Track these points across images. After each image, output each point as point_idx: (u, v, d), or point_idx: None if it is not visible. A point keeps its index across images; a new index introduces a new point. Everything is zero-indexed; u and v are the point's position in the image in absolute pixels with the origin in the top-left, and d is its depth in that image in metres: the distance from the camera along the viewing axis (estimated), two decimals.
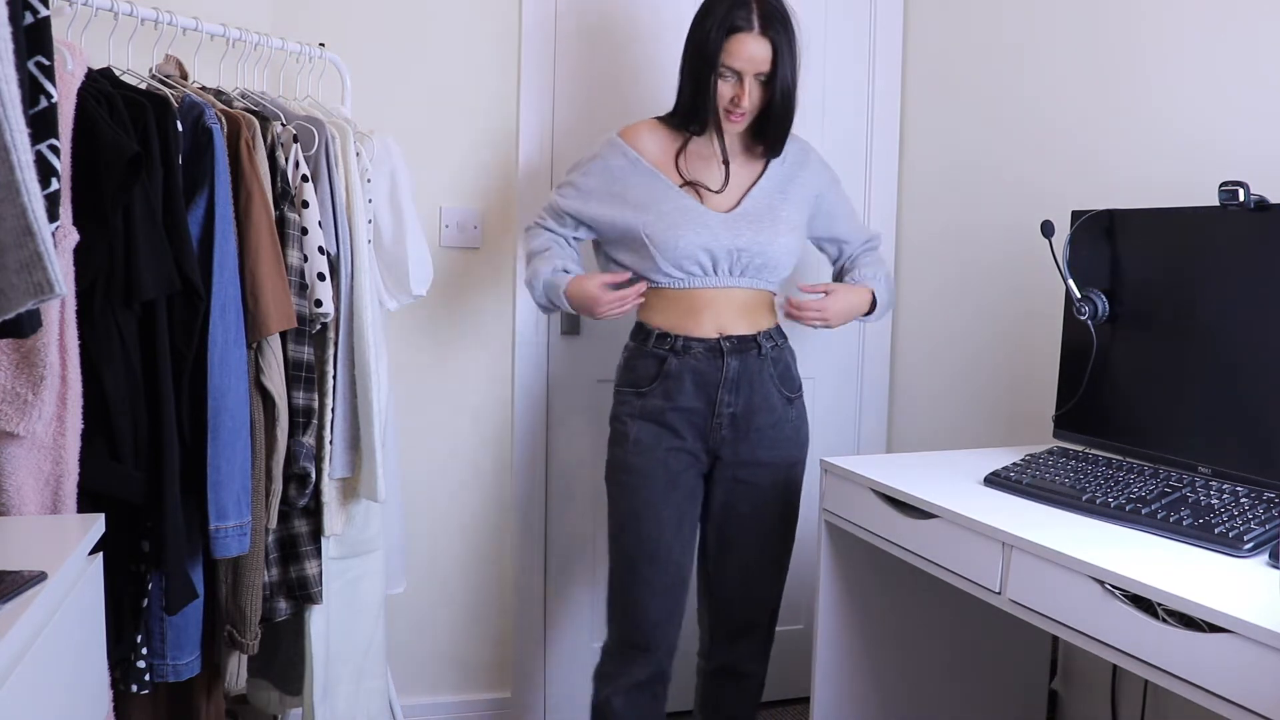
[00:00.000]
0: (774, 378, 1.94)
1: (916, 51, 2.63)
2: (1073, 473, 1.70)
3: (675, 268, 1.88)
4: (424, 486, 2.43)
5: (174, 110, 1.50)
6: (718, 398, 1.89)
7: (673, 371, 1.89)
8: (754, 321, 1.94)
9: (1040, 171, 2.29)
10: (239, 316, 1.57)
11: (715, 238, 1.87)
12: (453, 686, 2.52)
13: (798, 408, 2.00)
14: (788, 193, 1.97)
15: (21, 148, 0.95)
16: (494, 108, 2.40)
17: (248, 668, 1.84)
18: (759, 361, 1.92)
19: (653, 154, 1.95)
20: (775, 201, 1.95)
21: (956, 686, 2.08)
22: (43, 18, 1.14)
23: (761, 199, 1.95)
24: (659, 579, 1.91)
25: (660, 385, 1.90)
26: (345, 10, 2.27)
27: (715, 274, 1.89)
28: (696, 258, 1.87)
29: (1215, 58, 1.92)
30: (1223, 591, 1.24)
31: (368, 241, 1.86)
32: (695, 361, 1.89)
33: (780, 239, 1.91)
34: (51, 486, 1.32)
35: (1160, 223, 1.79)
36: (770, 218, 1.92)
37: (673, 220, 1.87)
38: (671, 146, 1.95)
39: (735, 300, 1.92)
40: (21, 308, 0.98)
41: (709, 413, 1.90)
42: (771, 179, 1.97)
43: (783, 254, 1.92)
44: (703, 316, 1.90)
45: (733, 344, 1.90)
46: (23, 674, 0.89)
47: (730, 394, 1.90)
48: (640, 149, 1.95)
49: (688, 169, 1.94)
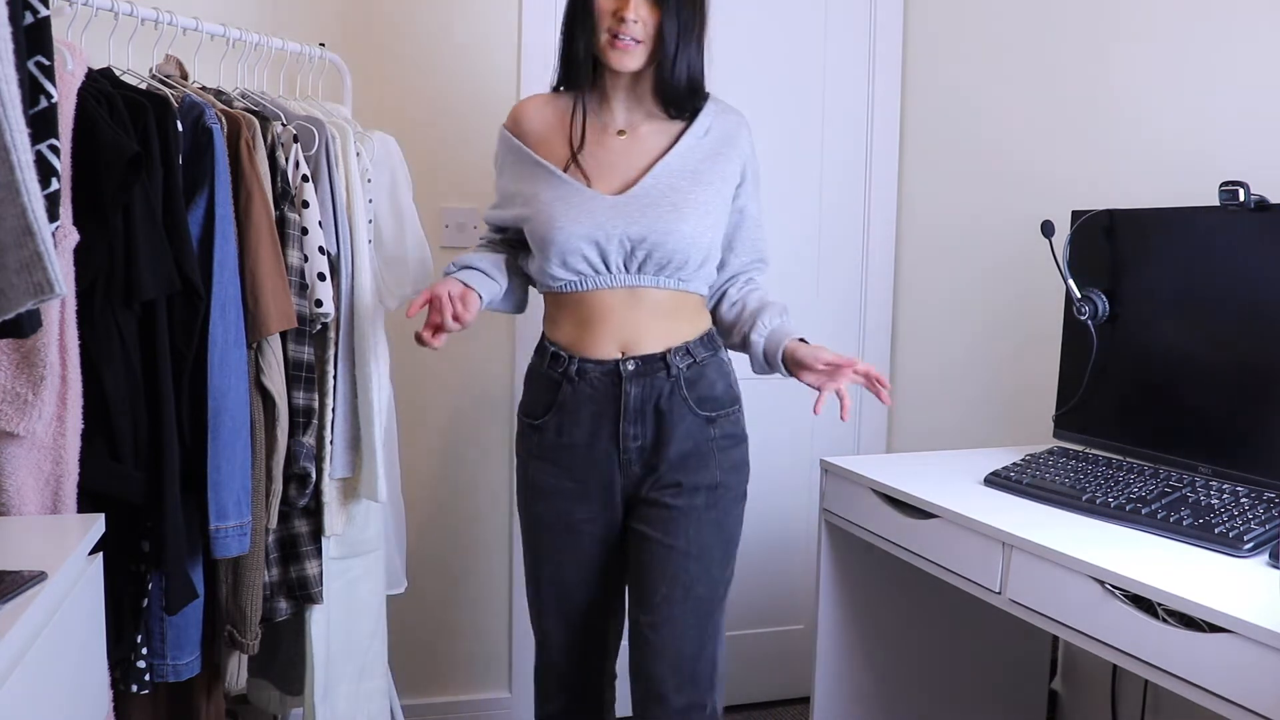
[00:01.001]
0: (687, 400, 1.59)
1: (916, 51, 2.63)
2: (1073, 473, 1.70)
3: (561, 266, 1.57)
4: (424, 486, 2.43)
5: (174, 110, 1.50)
6: (620, 430, 1.58)
7: (567, 402, 1.60)
8: (668, 332, 1.59)
9: (1040, 171, 2.29)
10: (239, 316, 1.57)
11: (600, 226, 1.55)
12: (453, 686, 2.52)
13: (723, 426, 1.62)
14: (702, 172, 1.60)
15: (21, 148, 0.95)
16: (494, 107, 2.40)
17: (248, 668, 1.84)
18: (668, 383, 1.58)
19: (537, 132, 1.65)
20: (682, 181, 1.58)
21: (956, 686, 2.08)
22: (43, 18, 1.14)
23: (664, 178, 1.58)
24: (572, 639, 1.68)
25: (554, 417, 1.61)
26: (345, 10, 2.27)
27: (609, 271, 1.57)
28: (581, 251, 1.55)
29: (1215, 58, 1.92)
30: (1223, 591, 1.24)
31: (368, 241, 1.86)
32: (591, 389, 1.58)
33: (683, 225, 1.55)
34: (51, 486, 1.32)
35: (1160, 223, 1.79)
36: (672, 200, 1.56)
37: (552, 210, 1.56)
38: (560, 120, 1.64)
39: (643, 305, 1.58)
40: (21, 308, 0.98)
41: (614, 449, 1.59)
42: (681, 155, 1.61)
43: (687, 245, 1.56)
44: (601, 329, 1.58)
45: (636, 366, 1.57)
46: (23, 674, 0.89)
47: (634, 425, 1.58)
48: (524, 130, 1.66)
49: (577, 144, 1.61)
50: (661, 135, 1.62)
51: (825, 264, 2.66)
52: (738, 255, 1.69)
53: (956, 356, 2.56)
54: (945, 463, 1.91)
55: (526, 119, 1.67)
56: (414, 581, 2.39)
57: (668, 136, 1.62)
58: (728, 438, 1.63)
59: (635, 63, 1.55)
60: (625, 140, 1.62)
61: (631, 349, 1.58)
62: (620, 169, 1.60)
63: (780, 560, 2.69)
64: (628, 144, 1.62)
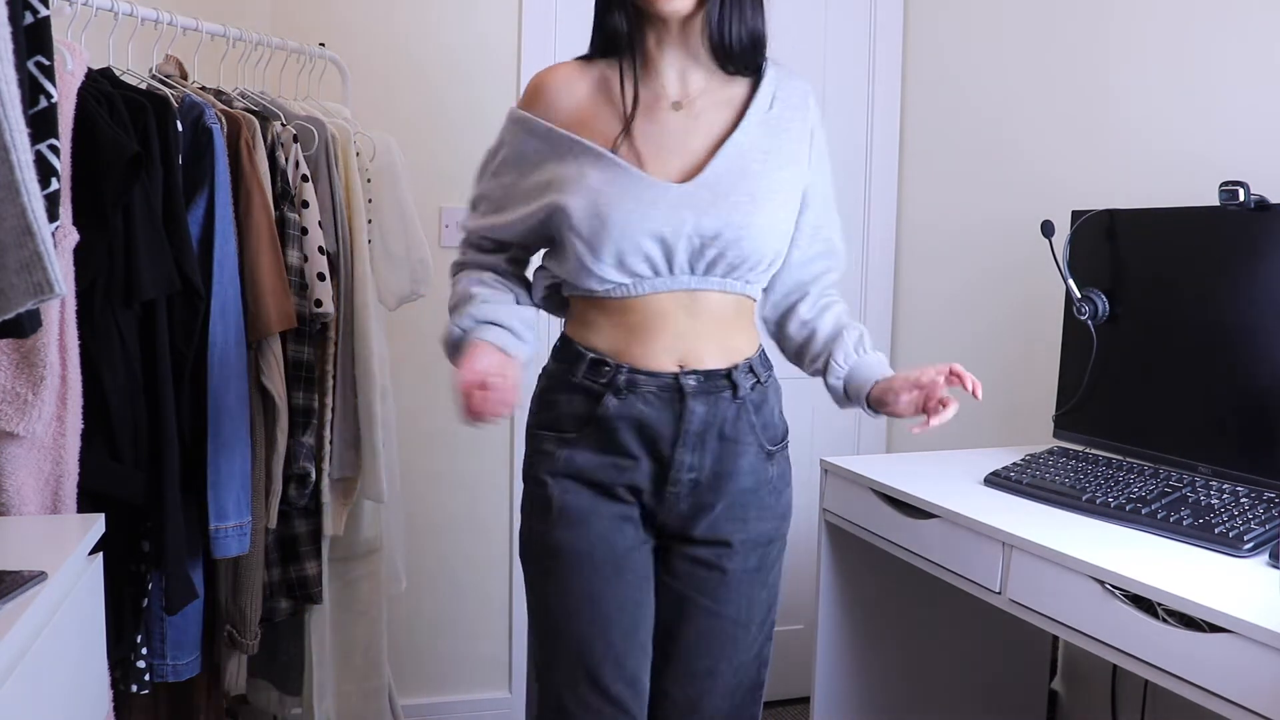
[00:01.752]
0: (754, 428, 1.35)
1: (916, 51, 2.63)
2: (1073, 473, 1.70)
3: (616, 267, 1.29)
4: (424, 486, 2.42)
5: (174, 110, 1.50)
6: (673, 458, 1.31)
7: (610, 416, 1.31)
8: (730, 346, 1.34)
9: (1040, 171, 2.29)
10: (239, 316, 1.57)
11: (668, 219, 1.27)
12: (453, 686, 2.52)
13: (780, 464, 1.40)
14: (773, 152, 1.34)
15: (21, 148, 0.95)
16: (494, 107, 2.40)
17: (248, 668, 1.84)
18: (735, 407, 1.33)
19: (568, 111, 1.35)
20: (755, 165, 1.32)
21: (956, 686, 2.08)
22: (43, 18, 1.14)
23: (735, 158, 1.32)
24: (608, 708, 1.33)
25: (591, 432, 1.32)
26: (345, 10, 2.27)
27: (672, 273, 1.30)
28: (643, 250, 1.28)
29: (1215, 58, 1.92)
30: (1223, 591, 1.24)
31: (368, 241, 1.86)
32: (644, 406, 1.30)
33: (760, 218, 1.30)
34: (51, 486, 1.32)
35: (1160, 223, 1.79)
36: (748, 188, 1.30)
37: (605, 199, 1.28)
38: (597, 93, 1.35)
39: (704, 312, 1.32)
40: (21, 308, 0.98)
41: (660, 478, 1.32)
42: (749, 132, 1.34)
43: (765, 241, 1.31)
44: (655, 338, 1.31)
45: (699, 382, 1.31)
46: (23, 674, 0.89)
47: (693, 454, 1.32)
48: (553, 108, 1.35)
49: (629, 116, 1.32)
50: (724, 108, 1.35)
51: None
52: (800, 247, 1.41)
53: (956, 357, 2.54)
54: (945, 463, 1.91)
55: (554, 94, 1.36)
56: (414, 581, 2.39)
57: (731, 109, 1.35)
58: (783, 478, 1.41)
59: (684, 3, 1.27)
60: (682, 115, 1.34)
61: (691, 362, 1.32)
62: (680, 150, 1.32)
63: None
64: (684, 120, 1.34)
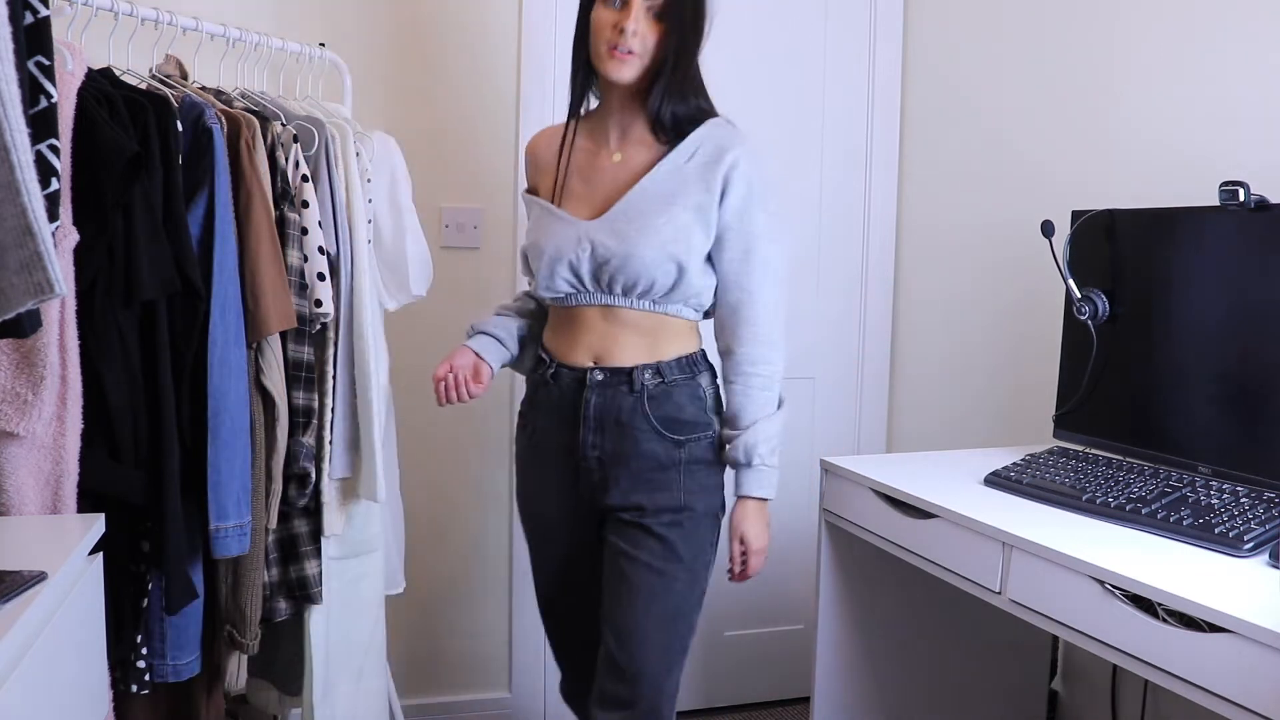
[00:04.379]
0: (650, 418, 1.59)
1: (916, 52, 2.63)
2: (1073, 473, 1.70)
3: (546, 288, 1.64)
4: (424, 486, 2.42)
5: (174, 110, 1.50)
6: (580, 437, 1.62)
7: (543, 404, 1.68)
8: (645, 350, 1.61)
9: (1040, 171, 2.29)
10: (239, 316, 1.57)
11: (572, 248, 1.59)
12: (453, 686, 2.52)
13: (693, 450, 1.61)
14: (678, 193, 1.58)
15: (21, 148, 0.95)
16: (494, 107, 2.40)
17: (248, 668, 1.84)
18: (630, 399, 1.59)
19: (543, 164, 1.72)
20: (653, 205, 1.57)
21: (956, 686, 2.08)
22: (43, 18, 1.14)
23: (636, 201, 1.58)
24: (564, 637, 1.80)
25: (532, 417, 1.71)
26: (345, 10, 2.27)
27: (585, 289, 1.60)
28: (558, 272, 1.60)
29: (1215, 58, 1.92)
30: (1223, 591, 1.24)
31: (368, 241, 1.86)
32: (560, 393, 1.64)
33: (645, 251, 1.54)
34: (51, 486, 1.32)
35: (1160, 223, 1.79)
36: (639, 224, 1.56)
37: (536, 237, 1.65)
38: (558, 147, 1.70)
39: (620, 322, 1.60)
40: (21, 308, 0.98)
41: (575, 453, 1.63)
42: (659, 176, 1.59)
43: (650, 268, 1.55)
44: (579, 338, 1.63)
45: (604, 377, 1.60)
46: (23, 674, 0.89)
47: (594, 434, 1.61)
48: (533, 169, 1.75)
49: (563, 171, 1.66)
50: (648, 158, 1.62)
51: (825, 264, 2.66)
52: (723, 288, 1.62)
53: (956, 356, 2.56)
54: (945, 463, 1.91)
55: (534, 157, 1.75)
56: (414, 581, 2.39)
57: (653, 159, 1.62)
58: (697, 462, 1.62)
59: (631, 73, 1.56)
60: (618, 164, 1.64)
61: (603, 360, 1.61)
62: (603, 192, 1.63)
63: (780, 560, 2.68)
64: (618, 168, 1.64)
